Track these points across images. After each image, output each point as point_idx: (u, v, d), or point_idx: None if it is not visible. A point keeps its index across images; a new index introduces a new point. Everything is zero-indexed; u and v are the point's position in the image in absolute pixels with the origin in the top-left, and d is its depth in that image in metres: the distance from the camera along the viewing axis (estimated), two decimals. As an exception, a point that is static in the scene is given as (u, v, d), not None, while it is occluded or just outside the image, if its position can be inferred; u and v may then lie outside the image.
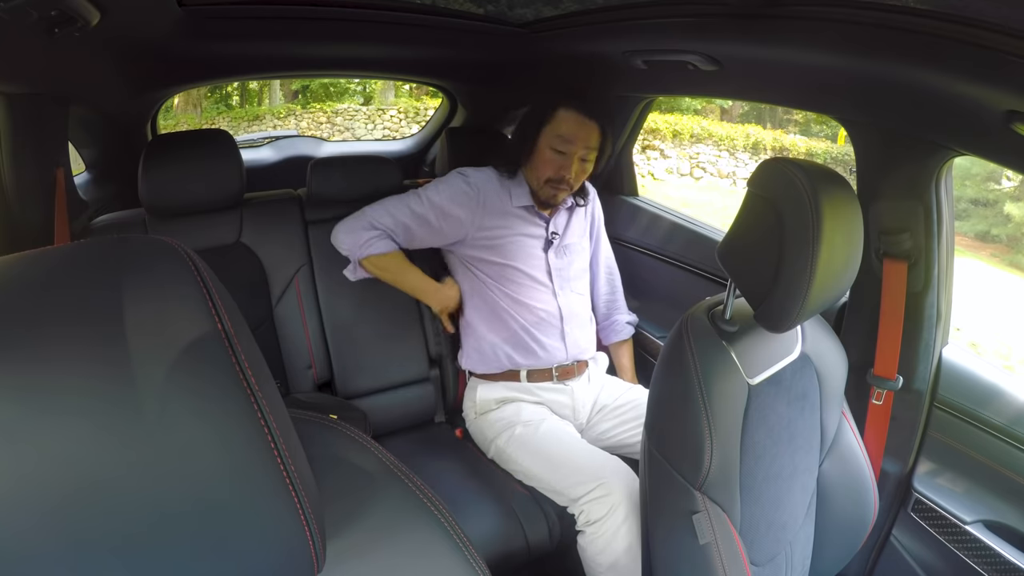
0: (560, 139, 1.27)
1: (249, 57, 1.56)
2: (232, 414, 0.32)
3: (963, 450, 1.05)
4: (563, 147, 1.27)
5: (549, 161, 1.28)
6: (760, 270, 0.77)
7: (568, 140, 1.26)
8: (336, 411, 1.31)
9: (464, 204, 1.31)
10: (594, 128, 1.28)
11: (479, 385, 1.37)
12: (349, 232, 1.33)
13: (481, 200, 1.32)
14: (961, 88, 0.77)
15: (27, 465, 0.28)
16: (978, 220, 6.55)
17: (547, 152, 1.28)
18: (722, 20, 0.95)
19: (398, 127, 9.32)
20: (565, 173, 1.27)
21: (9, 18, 0.70)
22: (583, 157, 1.29)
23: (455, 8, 1.24)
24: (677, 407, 0.82)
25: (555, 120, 1.28)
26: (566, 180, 1.28)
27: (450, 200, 1.31)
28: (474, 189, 1.32)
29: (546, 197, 1.32)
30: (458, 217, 1.31)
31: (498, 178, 1.36)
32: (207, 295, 0.33)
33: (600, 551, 1.06)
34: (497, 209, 1.33)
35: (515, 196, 1.35)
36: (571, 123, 1.27)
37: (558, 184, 1.29)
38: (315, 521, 0.35)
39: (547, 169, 1.29)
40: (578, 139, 1.26)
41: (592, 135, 1.28)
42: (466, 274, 1.38)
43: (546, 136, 1.29)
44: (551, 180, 1.29)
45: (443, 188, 1.33)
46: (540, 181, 1.31)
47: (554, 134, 1.27)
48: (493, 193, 1.33)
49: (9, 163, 1.08)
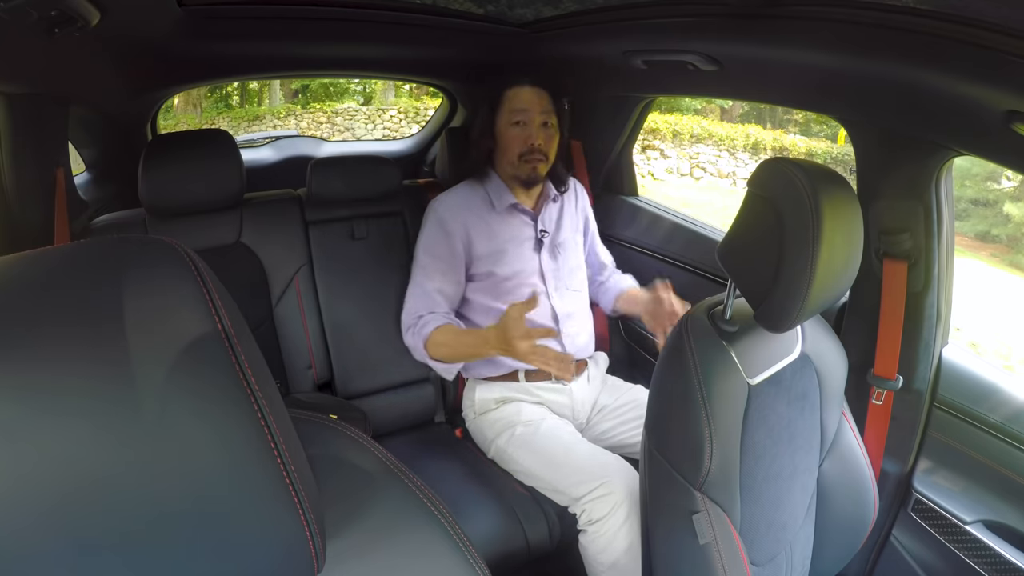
0: (515, 112, 1.30)
1: (249, 57, 1.56)
2: (232, 414, 0.32)
3: (963, 450, 1.05)
4: (520, 117, 1.30)
5: (513, 137, 1.30)
6: (760, 270, 0.77)
7: (523, 110, 1.29)
8: (336, 411, 1.31)
9: (452, 234, 1.31)
10: (543, 92, 1.31)
11: (478, 385, 1.37)
12: (410, 348, 1.33)
13: (461, 220, 1.32)
14: (961, 88, 0.77)
15: (27, 464, 0.28)
16: (978, 220, 6.55)
17: (508, 131, 1.31)
18: (722, 20, 0.95)
19: (398, 127, 9.32)
20: (532, 140, 1.29)
21: (9, 18, 0.70)
22: (544, 122, 1.31)
23: (455, 8, 1.24)
24: (677, 407, 0.82)
25: (505, 100, 1.31)
26: (537, 148, 1.30)
27: (439, 241, 1.32)
28: (448, 217, 1.32)
29: (526, 175, 1.32)
30: (455, 247, 1.32)
31: (473, 190, 1.36)
32: (207, 295, 0.33)
33: (602, 550, 1.06)
34: (482, 222, 1.33)
35: (496, 200, 1.35)
36: (520, 96, 1.30)
37: (531, 155, 1.30)
38: (315, 521, 0.35)
39: (515, 145, 1.30)
40: (532, 106, 1.29)
41: (543, 99, 1.31)
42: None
43: (502, 119, 1.32)
44: (523, 154, 1.30)
45: (426, 239, 1.33)
46: (515, 161, 1.31)
47: (508, 111, 1.31)
48: (473, 210, 1.34)
49: (9, 163, 1.08)
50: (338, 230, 1.47)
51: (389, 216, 1.52)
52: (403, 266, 1.51)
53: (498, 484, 1.24)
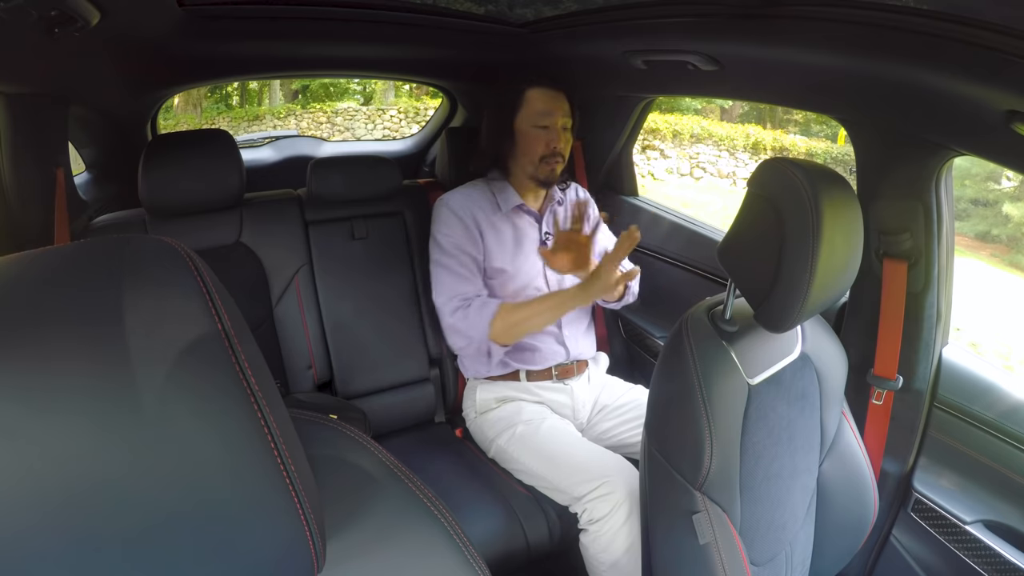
0: (540, 115, 1.30)
1: (249, 57, 1.56)
2: (232, 414, 0.32)
3: (963, 450, 1.05)
4: (545, 121, 1.30)
5: (537, 139, 1.30)
6: (760, 270, 0.77)
7: (548, 113, 1.30)
8: (336, 411, 1.31)
9: (468, 225, 1.31)
10: (563, 97, 1.32)
11: (479, 385, 1.37)
12: (454, 332, 1.27)
13: (472, 215, 1.32)
14: (961, 88, 0.77)
15: (28, 464, 0.28)
16: (978, 220, 6.55)
17: (532, 132, 1.30)
18: (722, 20, 0.95)
19: (398, 127, 9.32)
20: (555, 144, 1.30)
21: (9, 18, 0.70)
22: (564, 126, 1.32)
23: (455, 8, 1.24)
24: (677, 407, 0.82)
25: (527, 101, 1.31)
26: (558, 151, 1.31)
27: (457, 230, 1.31)
28: (461, 212, 1.32)
29: (545, 176, 1.32)
30: (473, 235, 1.31)
31: (479, 191, 1.36)
32: (207, 295, 0.33)
33: (603, 549, 1.06)
34: (488, 222, 1.33)
35: (503, 201, 1.35)
36: (544, 98, 1.30)
37: (552, 158, 1.31)
38: (315, 521, 0.35)
39: (538, 147, 1.30)
40: (556, 109, 1.30)
41: (564, 103, 1.32)
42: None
43: (524, 119, 1.31)
44: (545, 156, 1.31)
45: (444, 228, 1.32)
46: (535, 162, 1.31)
47: (532, 113, 1.30)
48: (481, 208, 1.33)
49: (9, 163, 1.08)
50: (338, 230, 1.47)
51: (389, 216, 1.52)
52: (403, 266, 1.51)
53: (498, 484, 1.24)
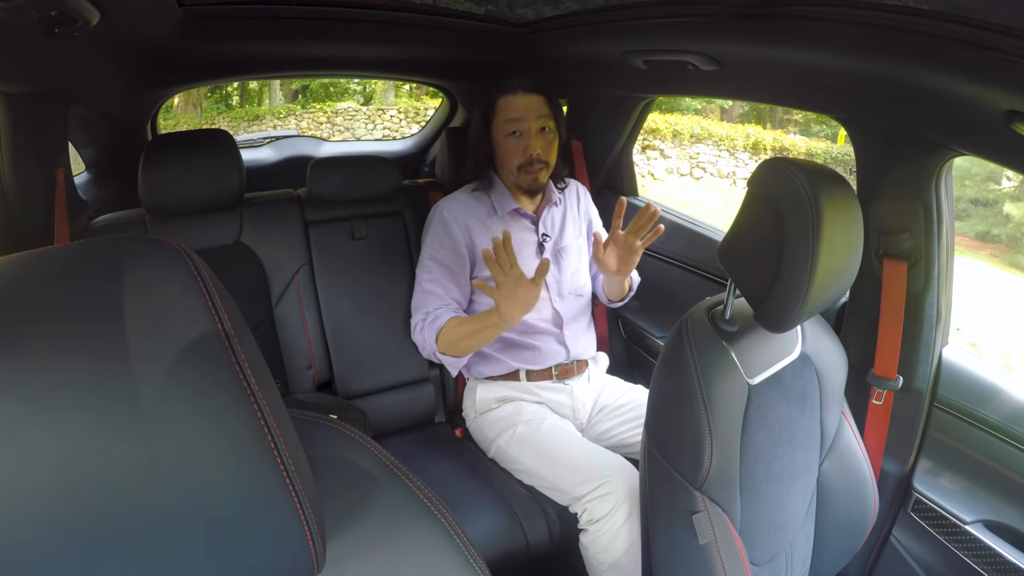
0: (509, 122, 1.27)
1: (249, 57, 1.56)
2: (232, 414, 0.32)
3: (963, 450, 1.05)
4: (515, 127, 1.27)
5: (511, 148, 1.28)
6: (760, 270, 0.77)
7: (517, 119, 1.26)
8: (336, 411, 1.31)
9: (456, 237, 1.31)
10: (537, 98, 1.28)
11: (479, 385, 1.37)
12: (419, 346, 1.33)
13: (464, 224, 1.31)
14: (961, 88, 0.77)
15: (29, 463, 0.28)
16: (978, 220, 6.55)
17: (505, 141, 1.28)
18: (722, 20, 0.95)
19: (398, 127, 9.33)
20: (531, 151, 1.27)
21: (9, 18, 0.70)
22: (540, 128, 1.28)
23: (455, 8, 1.24)
24: (677, 407, 0.82)
25: (499, 110, 1.28)
26: (536, 158, 1.28)
27: (443, 244, 1.31)
28: (453, 221, 1.31)
29: (528, 184, 1.31)
30: (459, 250, 1.31)
31: (476, 195, 1.35)
32: (207, 295, 0.33)
33: (602, 549, 1.06)
34: (484, 226, 1.32)
35: (499, 205, 1.34)
36: (512, 106, 1.27)
37: (530, 165, 1.28)
38: (315, 521, 0.35)
39: (513, 156, 1.28)
40: (526, 114, 1.26)
41: (538, 104, 1.27)
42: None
43: (497, 129, 1.29)
44: (522, 165, 1.28)
45: (431, 241, 1.32)
46: (514, 171, 1.30)
47: (502, 122, 1.28)
48: (476, 214, 1.33)
49: (9, 163, 1.08)
50: (338, 230, 1.47)
51: (389, 216, 1.52)
52: (403, 266, 1.50)
53: (498, 484, 1.24)
